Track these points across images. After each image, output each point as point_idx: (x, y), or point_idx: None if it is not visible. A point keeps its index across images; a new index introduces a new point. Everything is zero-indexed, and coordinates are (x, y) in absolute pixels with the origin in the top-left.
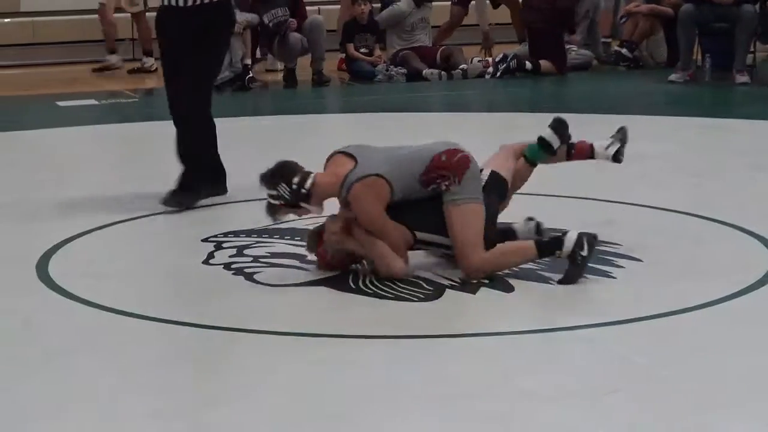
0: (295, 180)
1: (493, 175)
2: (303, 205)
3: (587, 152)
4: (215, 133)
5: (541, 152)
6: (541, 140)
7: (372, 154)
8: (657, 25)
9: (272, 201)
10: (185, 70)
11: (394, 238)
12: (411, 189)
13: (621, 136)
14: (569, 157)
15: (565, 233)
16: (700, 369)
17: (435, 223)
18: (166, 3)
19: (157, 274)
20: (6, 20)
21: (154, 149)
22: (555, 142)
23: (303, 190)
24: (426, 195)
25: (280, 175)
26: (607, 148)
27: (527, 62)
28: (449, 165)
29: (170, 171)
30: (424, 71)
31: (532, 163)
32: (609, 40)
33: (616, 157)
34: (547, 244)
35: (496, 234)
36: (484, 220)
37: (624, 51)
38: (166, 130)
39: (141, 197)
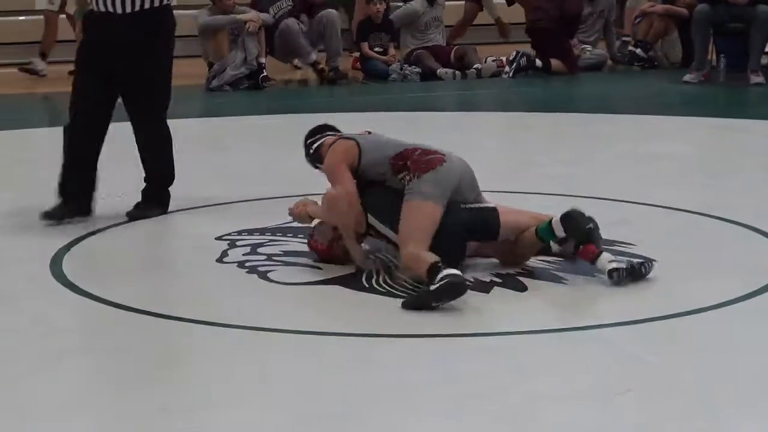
0: (309, 140)
1: (488, 208)
2: (318, 165)
3: (591, 256)
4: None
5: (547, 233)
6: (549, 224)
7: (378, 136)
8: (671, 25)
9: None
10: (142, 88)
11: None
12: (380, 166)
13: (633, 269)
14: (575, 252)
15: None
16: (712, 369)
17: (387, 213)
18: (103, 9)
19: (171, 272)
20: (21, 18)
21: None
22: (559, 232)
23: (311, 150)
24: (396, 185)
25: (307, 135)
26: (611, 262)
27: (537, 60)
28: (416, 159)
29: (186, 168)
30: (438, 70)
31: (540, 239)
32: (629, 38)
33: (611, 275)
34: (436, 269)
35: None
36: (433, 220)
37: (638, 51)
38: (183, 128)
39: None
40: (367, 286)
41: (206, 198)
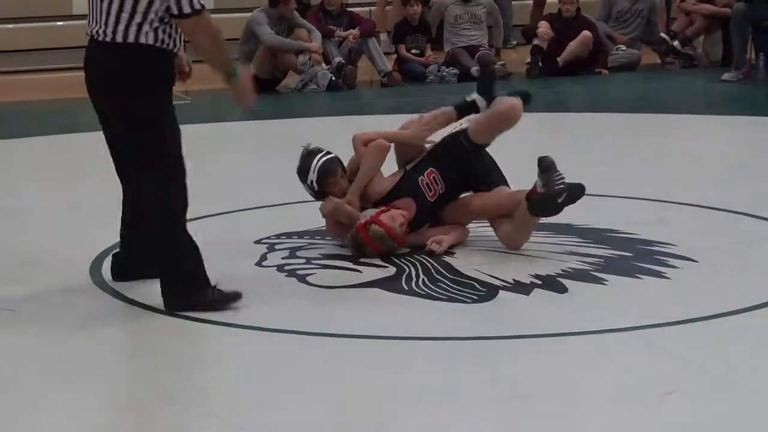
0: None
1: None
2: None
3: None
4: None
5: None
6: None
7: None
8: (714, 24)
9: None
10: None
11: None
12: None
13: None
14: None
15: None
16: (755, 369)
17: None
18: (93, 34)
19: (210, 275)
20: (59, 23)
21: (208, 151)
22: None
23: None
24: None
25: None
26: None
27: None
28: None
29: (223, 172)
30: (472, 69)
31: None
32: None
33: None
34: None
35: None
36: None
37: (676, 43)
38: (221, 132)
39: (193, 199)
40: (406, 288)
41: (246, 201)
